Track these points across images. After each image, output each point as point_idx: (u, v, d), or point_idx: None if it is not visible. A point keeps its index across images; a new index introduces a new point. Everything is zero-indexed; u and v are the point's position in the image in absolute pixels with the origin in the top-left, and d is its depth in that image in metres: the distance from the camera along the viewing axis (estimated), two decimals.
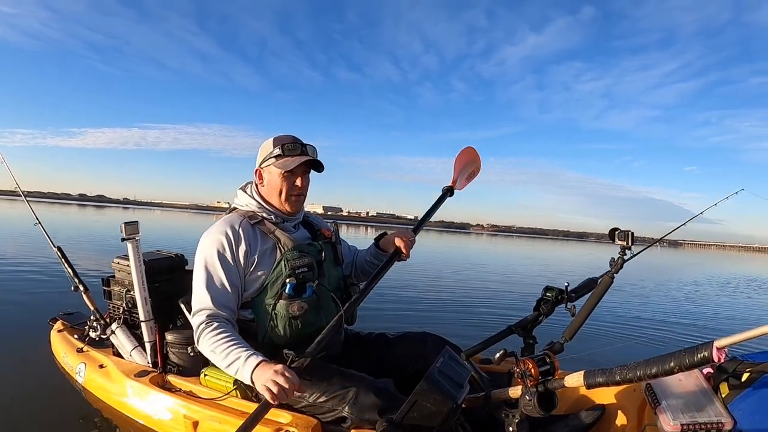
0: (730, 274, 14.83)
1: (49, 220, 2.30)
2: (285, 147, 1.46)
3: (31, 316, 3.26)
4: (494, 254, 14.87)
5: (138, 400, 1.69)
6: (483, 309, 4.98)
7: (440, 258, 11.77)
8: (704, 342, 0.85)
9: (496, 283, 7.12)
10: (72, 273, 2.24)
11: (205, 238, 1.43)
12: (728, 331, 0.86)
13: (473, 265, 9.93)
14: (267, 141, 1.52)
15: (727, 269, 17.57)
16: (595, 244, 51.19)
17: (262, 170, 1.51)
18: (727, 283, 11.01)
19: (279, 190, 1.48)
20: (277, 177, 1.48)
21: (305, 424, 1.32)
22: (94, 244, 9.56)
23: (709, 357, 0.83)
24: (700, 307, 6.35)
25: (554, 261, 16.25)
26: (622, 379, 0.97)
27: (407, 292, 5.58)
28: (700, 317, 5.52)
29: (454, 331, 3.61)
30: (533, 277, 9.16)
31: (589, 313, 1.71)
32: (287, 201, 1.50)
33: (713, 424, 1.15)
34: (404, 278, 6.61)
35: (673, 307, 6.08)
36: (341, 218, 8.98)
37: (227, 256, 1.39)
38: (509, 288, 6.88)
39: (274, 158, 1.47)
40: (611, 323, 4.43)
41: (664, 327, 4.66)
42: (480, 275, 8.08)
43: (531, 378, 1.11)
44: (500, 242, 37.26)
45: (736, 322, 5.44)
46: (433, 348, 1.51)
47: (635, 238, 1.72)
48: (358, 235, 28.43)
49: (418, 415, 1.13)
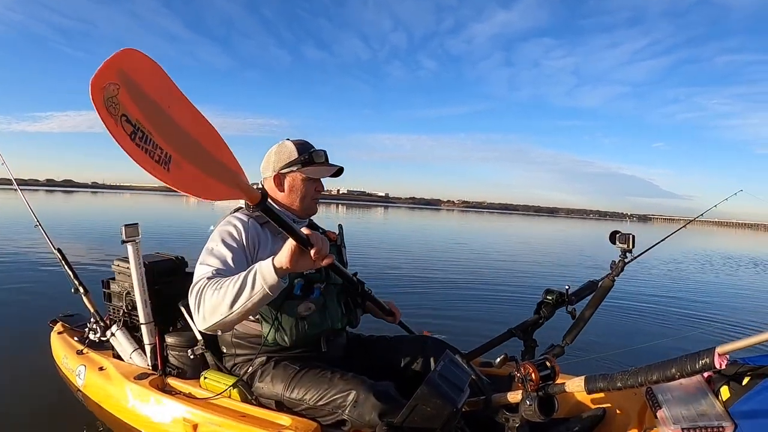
0: (714, 251, 15.51)
1: (20, 212, 2.29)
2: (314, 155, 1.49)
3: (31, 318, 3.26)
4: (488, 241, 14.81)
5: (138, 402, 1.69)
6: (483, 309, 4.98)
7: (431, 248, 11.84)
8: (706, 348, 0.85)
9: (495, 282, 7.12)
10: (72, 275, 2.24)
11: (213, 232, 1.43)
12: (728, 331, 0.86)
13: (470, 258, 10.02)
14: (285, 145, 1.51)
15: (708, 246, 18.23)
16: (565, 219, 51.66)
17: (283, 176, 1.51)
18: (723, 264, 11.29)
19: (304, 195, 1.50)
20: (301, 183, 1.49)
21: (305, 427, 1.32)
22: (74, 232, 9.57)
23: (710, 363, 0.83)
24: (695, 299, 6.36)
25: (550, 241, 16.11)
26: (623, 384, 0.97)
27: (408, 294, 5.59)
28: (697, 311, 5.53)
29: (454, 334, 3.61)
30: (534, 273, 9.20)
31: (590, 317, 1.71)
32: (310, 206, 1.54)
33: (714, 427, 1.15)
34: (404, 279, 6.61)
35: (669, 300, 6.09)
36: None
37: (235, 240, 1.35)
38: (510, 287, 6.88)
39: (299, 164, 1.48)
40: (612, 325, 4.43)
41: (665, 326, 4.66)
42: (478, 271, 8.10)
43: (531, 383, 1.11)
44: (475, 219, 37.43)
45: (737, 320, 5.45)
46: (434, 351, 1.52)
47: (634, 241, 1.72)
48: (329, 213, 28.44)
49: (419, 419, 1.12)
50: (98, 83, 0.77)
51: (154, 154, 0.85)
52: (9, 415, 1.92)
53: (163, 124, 0.87)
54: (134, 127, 0.82)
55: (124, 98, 0.81)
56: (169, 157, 0.87)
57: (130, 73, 0.82)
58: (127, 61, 0.83)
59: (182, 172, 0.89)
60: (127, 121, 0.81)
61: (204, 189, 0.93)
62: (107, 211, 21.28)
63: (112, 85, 0.79)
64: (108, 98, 0.79)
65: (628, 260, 1.75)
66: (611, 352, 3.34)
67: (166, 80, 0.91)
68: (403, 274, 7.04)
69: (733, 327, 4.88)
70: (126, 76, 0.82)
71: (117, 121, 0.79)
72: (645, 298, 6.18)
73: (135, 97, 0.83)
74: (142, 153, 0.83)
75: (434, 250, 11.16)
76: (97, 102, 0.77)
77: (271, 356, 1.46)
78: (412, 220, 26.61)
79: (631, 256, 1.75)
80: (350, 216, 28.25)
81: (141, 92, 0.84)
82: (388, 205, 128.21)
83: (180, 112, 0.92)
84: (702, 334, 4.61)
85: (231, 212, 1.52)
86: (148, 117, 0.84)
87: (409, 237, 14.59)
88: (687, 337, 4.37)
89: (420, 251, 10.67)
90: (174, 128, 0.89)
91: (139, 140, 0.82)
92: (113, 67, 0.80)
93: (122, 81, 0.81)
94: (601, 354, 3.23)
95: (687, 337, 4.41)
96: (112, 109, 0.79)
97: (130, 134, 0.81)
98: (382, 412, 1.24)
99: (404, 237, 14.03)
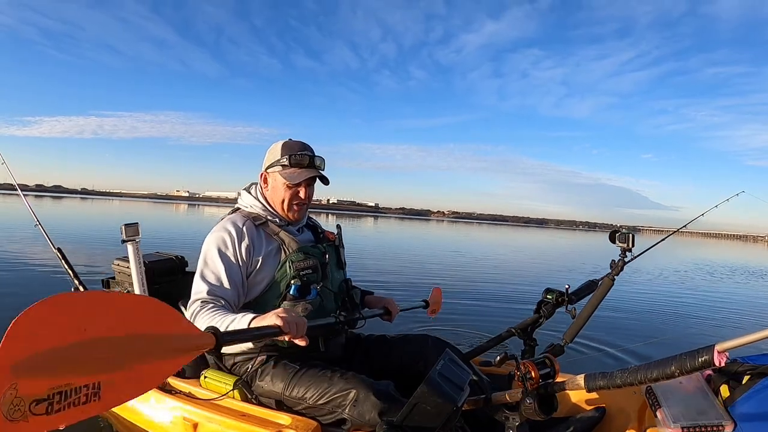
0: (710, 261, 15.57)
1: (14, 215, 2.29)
2: (292, 158, 1.46)
3: None
4: (486, 250, 14.88)
5: (137, 402, 1.68)
6: (483, 308, 4.98)
7: (426, 253, 11.91)
8: (705, 346, 0.85)
9: (495, 282, 7.13)
10: (72, 274, 2.24)
11: (208, 237, 1.43)
12: (727, 329, 0.86)
13: (468, 261, 10.07)
14: (276, 144, 1.52)
15: (698, 255, 18.45)
16: (554, 230, 51.90)
17: (267, 175, 1.51)
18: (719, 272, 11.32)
19: (282, 199, 1.49)
20: (281, 185, 1.48)
21: (305, 426, 1.31)
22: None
23: (710, 361, 0.83)
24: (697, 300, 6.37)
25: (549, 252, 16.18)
26: (622, 382, 0.97)
27: (407, 293, 5.58)
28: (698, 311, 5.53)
29: (454, 333, 3.61)
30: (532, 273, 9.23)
31: (589, 316, 1.72)
32: (289, 210, 1.51)
33: (714, 426, 1.15)
34: (403, 279, 6.62)
35: (669, 300, 6.10)
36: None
37: (228, 253, 1.39)
38: (510, 286, 6.89)
39: (280, 166, 1.47)
40: (612, 324, 4.42)
41: (664, 327, 4.66)
42: (477, 273, 8.11)
43: (531, 381, 1.11)
44: (468, 230, 37.64)
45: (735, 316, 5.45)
46: (434, 350, 1.52)
47: (634, 240, 1.72)
48: (319, 221, 28.61)
49: (419, 418, 1.12)
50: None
51: (79, 400, 0.70)
52: None
53: (80, 359, 0.71)
54: (48, 398, 0.67)
55: (25, 388, 0.64)
56: (97, 386, 0.72)
57: (24, 355, 0.65)
58: (16, 345, 0.64)
59: (118, 387, 0.76)
60: (37, 403, 0.65)
61: (151, 379, 0.82)
62: (103, 212, 21.33)
63: (8, 392, 0.62)
64: (8, 410, 0.62)
65: (628, 260, 1.75)
66: (611, 350, 3.35)
67: (79, 303, 0.74)
68: (401, 277, 7.05)
69: (733, 326, 4.88)
70: (20, 364, 0.64)
71: (27, 414, 0.64)
72: (645, 298, 6.19)
73: (39, 369, 0.66)
74: (68, 413, 0.68)
75: (430, 255, 11.24)
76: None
77: (271, 355, 1.46)
78: (403, 230, 26.84)
79: (631, 256, 1.75)
80: (342, 225, 28.58)
81: (45, 357, 0.67)
82: (377, 215, 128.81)
83: (100, 323, 0.75)
84: (702, 333, 4.62)
85: (227, 214, 1.53)
86: (60, 371, 0.69)
87: (402, 245, 14.80)
88: (686, 336, 4.37)
89: (415, 256, 10.75)
90: (95, 349, 0.73)
91: (57, 405, 0.67)
92: (2, 371, 0.62)
93: (18, 374, 0.64)
94: (601, 353, 3.23)
95: (686, 335, 4.41)
96: (17, 413, 0.63)
97: (46, 412, 0.66)
98: (382, 410, 1.24)
99: (398, 245, 14.23)
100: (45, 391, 0.67)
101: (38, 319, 0.67)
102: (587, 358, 2.69)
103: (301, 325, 1.16)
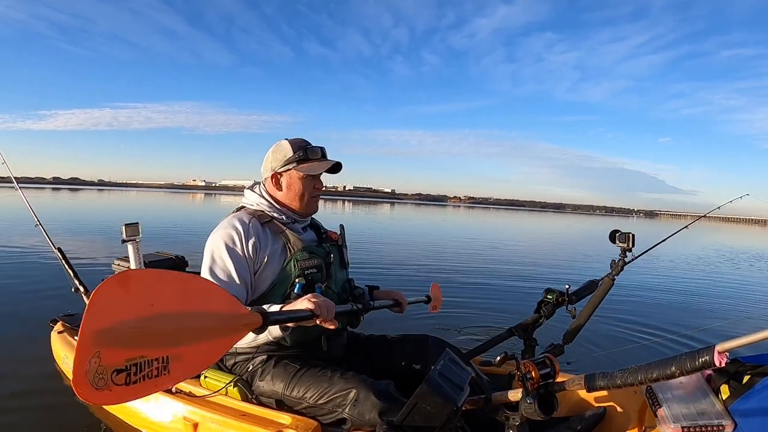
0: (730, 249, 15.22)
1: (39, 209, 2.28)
2: (309, 151, 1.49)
3: (31, 317, 3.25)
4: (496, 238, 14.56)
5: (137, 402, 1.68)
6: (483, 308, 4.97)
7: (437, 245, 11.86)
8: (706, 346, 0.85)
9: (495, 281, 7.11)
10: (72, 274, 2.24)
11: (214, 234, 1.42)
12: (728, 329, 0.86)
13: (477, 251, 10.01)
14: (281, 144, 1.52)
15: (710, 243, 17.77)
16: (571, 215, 51.38)
17: (280, 175, 1.51)
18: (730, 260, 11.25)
19: (302, 194, 1.51)
20: (298, 180, 1.49)
21: (305, 425, 1.32)
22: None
23: (710, 361, 0.83)
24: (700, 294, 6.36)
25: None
26: (623, 382, 0.97)
27: (407, 292, 5.58)
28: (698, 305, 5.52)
29: (454, 332, 3.61)
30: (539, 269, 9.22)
31: (589, 316, 1.72)
32: (309, 203, 1.53)
33: (714, 426, 1.15)
34: (403, 279, 6.61)
35: (669, 299, 6.09)
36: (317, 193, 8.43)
37: (237, 249, 1.38)
38: (510, 286, 6.88)
39: (295, 162, 1.48)
40: (612, 324, 4.42)
41: (666, 326, 4.66)
42: (479, 269, 8.09)
43: (532, 381, 1.11)
44: (485, 216, 37.45)
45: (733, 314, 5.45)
46: (434, 350, 1.52)
47: (634, 240, 1.72)
48: (335, 209, 28.49)
49: (419, 418, 1.12)
50: (79, 371, 0.67)
51: (151, 373, 0.76)
52: (9, 414, 1.92)
53: (151, 332, 0.77)
54: (126, 369, 0.73)
55: (107, 357, 0.70)
56: (166, 360, 0.78)
57: (103, 325, 0.71)
58: (96, 316, 0.71)
59: (183, 362, 0.81)
60: (117, 373, 0.71)
61: (208, 357, 0.87)
62: (110, 208, 21.32)
63: (92, 359, 0.68)
64: (93, 378, 0.68)
65: (628, 260, 1.75)
66: (611, 350, 3.34)
67: (143, 279, 0.80)
68: (406, 271, 7.03)
69: (733, 325, 4.88)
70: (102, 334, 0.70)
71: (109, 384, 0.70)
72: (645, 297, 6.18)
73: (117, 340, 0.72)
74: (143, 385, 0.75)
75: (439, 246, 11.14)
76: (86, 394, 0.68)
77: (271, 355, 1.46)
78: (421, 216, 26.68)
79: (631, 256, 1.75)
80: (357, 212, 28.20)
81: (121, 328, 0.73)
82: (394, 201, 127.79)
83: (163, 298, 0.80)
84: (702, 333, 4.61)
85: (233, 211, 1.52)
86: (134, 343, 0.74)
87: (415, 232, 14.64)
88: (687, 336, 4.37)
89: (424, 248, 10.66)
90: (162, 323, 0.79)
91: (134, 376, 0.73)
92: (87, 340, 0.68)
93: (100, 343, 0.70)
94: (601, 353, 3.23)
95: (687, 335, 4.41)
96: (101, 381, 0.69)
97: (125, 382, 0.72)
98: (382, 410, 1.24)
99: (410, 233, 14.08)
100: (123, 362, 0.73)
101: (111, 293, 0.74)
102: (587, 358, 2.69)
103: (331, 308, 1.20)
